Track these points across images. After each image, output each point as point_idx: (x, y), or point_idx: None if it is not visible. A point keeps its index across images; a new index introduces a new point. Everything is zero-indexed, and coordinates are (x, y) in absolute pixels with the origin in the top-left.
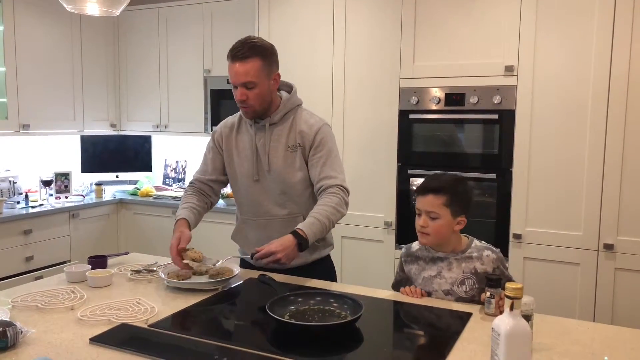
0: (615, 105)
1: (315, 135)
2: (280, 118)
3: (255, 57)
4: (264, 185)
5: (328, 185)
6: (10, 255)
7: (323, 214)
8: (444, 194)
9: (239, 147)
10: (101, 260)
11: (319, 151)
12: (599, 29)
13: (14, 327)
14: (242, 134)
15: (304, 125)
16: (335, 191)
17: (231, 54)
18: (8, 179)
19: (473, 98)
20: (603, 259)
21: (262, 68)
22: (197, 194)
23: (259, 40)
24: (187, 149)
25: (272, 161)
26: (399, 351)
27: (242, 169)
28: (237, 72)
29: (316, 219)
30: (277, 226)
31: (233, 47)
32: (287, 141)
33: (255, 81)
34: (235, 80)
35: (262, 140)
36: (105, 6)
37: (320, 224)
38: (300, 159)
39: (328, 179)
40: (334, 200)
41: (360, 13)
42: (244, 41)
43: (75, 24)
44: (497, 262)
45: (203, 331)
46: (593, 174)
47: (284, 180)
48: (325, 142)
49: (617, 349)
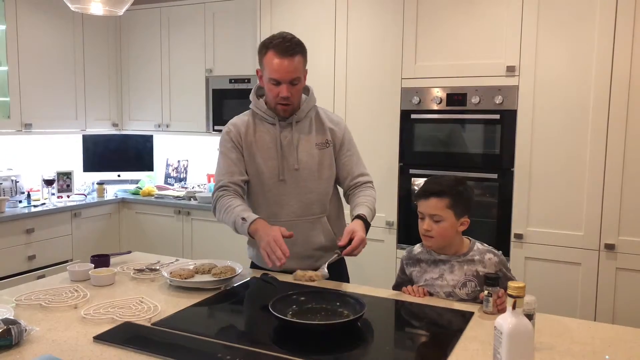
0: (616, 106)
1: (344, 133)
2: (305, 115)
3: (299, 53)
4: (288, 185)
5: (365, 181)
6: (12, 254)
7: (372, 205)
8: (446, 196)
9: (260, 146)
10: (104, 259)
11: (349, 149)
12: (601, 29)
13: (18, 325)
14: (260, 132)
15: (330, 122)
16: (372, 186)
17: (278, 50)
18: (10, 178)
19: (475, 98)
20: (604, 259)
21: (304, 64)
22: (237, 195)
23: (294, 36)
24: (188, 148)
25: (302, 158)
26: (401, 350)
27: (265, 168)
28: (287, 69)
29: (367, 206)
30: (303, 227)
31: (275, 42)
32: (316, 138)
33: (301, 77)
34: (283, 76)
35: (288, 138)
36: (109, 6)
37: (372, 213)
38: (330, 156)
39: (362, 175)
40: (373, 194)
41: (362, 13)
42: (287, 37)
43: (77, 24)
44: (499, 265)
45: (206, 330)
46: (594, 174)
47: (313, 178)
48: (353, 140)
49: (618, 348)
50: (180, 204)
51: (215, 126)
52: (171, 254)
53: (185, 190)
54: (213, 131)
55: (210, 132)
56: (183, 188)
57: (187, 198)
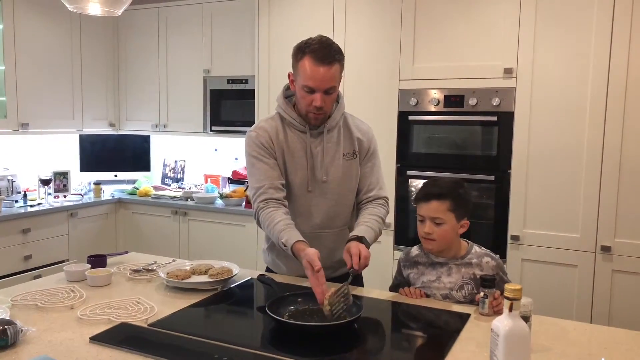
0: (613, 108)
1: (370, 142)
2: (335, 124)
3: (338, 61)
4: (314, 196)
5: (378, 196)
6: (8, 254)
7: (376, 224)
8: (448, 199)
9: (291, 153)
10: (100, 259)
11: (372, 159)
12: (598, 32)
13: (14, 326)
14: (291, 140)
15: (358, 131)
16: (383, 204)
17: (315, 56)
18: (7, 178)
19: (472, 100)
20: (600, 261)
21: (341, 72)
22: (281, 205)
23: (333, 41)
24: (186, 149)
25: (331, 170)
26: (398, 352)
27: (295, 178)
28: (324, 78)
29: (371, 227)
30: (327, 240)
31: (313, 48)
32: (344, 148)
33: (336, 85)
34: (318, 85)
35: (318, 148)
36: (107, 6)
37: (374, 233)
38: (357, 167)
39: (378, 189)
40: (382, 212)
41: (360, 15)
42: (326, 43)
43: (75, 23)
44: (497, 268)
45: (202, 331)
46: (591, 176)
47: (341, 190)
48: (376, 151)
49: (614, 350)
50: (177, 205)
51: (212, 127)
52: (168, 255)
53: (182, 190)
54: (210, 132)
55: (208, 132)
56: (180, 188)
57: (184, 198)
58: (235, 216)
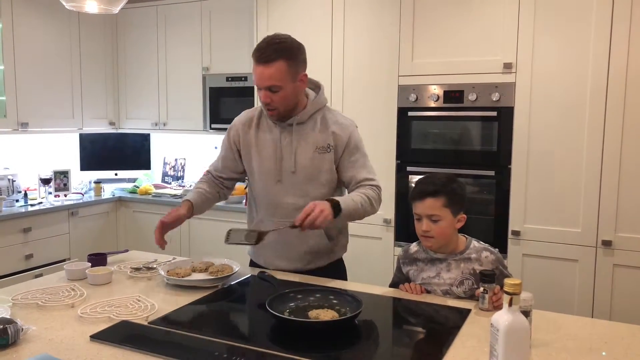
0: (613, 102)
1: (349, 137)
2: (308, 118)
3: (280, 59)
4: (285, 187)
5: (368, 183)
6: (9, 253)
7: (359, 200)
8: (442, 195)
9: (259, 145)
10: (101, 257)
11: (354, 154)
12: (597, 26)
13: (15, 325)
14: (263, 131)
15: (336, 126)
16: (373, 187)
17: (256, 55)
18: (7, 177)
19: (472, 95)
20: (601, 256)
21: (288, 71)
22: (210, 182)
23: (285, 39)
24: (186, 147)
25: (299, 162)
26: (398, 347)
27: (262, 168)
28: (262, 76)
29: (352, 199)
30: (296, 232)
31: (258, 46)
32: (317, 142)
33: (280, 84)
34: (259, 83)
35: (287, 140)
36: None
37: (355, 205)
38: (330, 161)
39: (367, 180)
40: (370, 194)
41: (359, 10)
42: (269, 41)
43: (73, 22)
44: (496, 262)
45: (203, 328)
46: (591, 170)
47: (310, 182)
48: (359, 145)
49: (614, 345)
50: (177, 203)
51: (212, 124)
52: (168, 253)
53: (183, 188)
54: (210, 129)
55: (207, 130)
56: (180, 186)
57: (184, 196)
58: (236, 213)
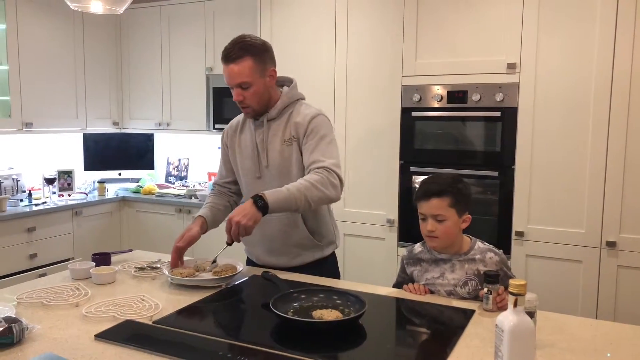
0: (617, 102)
1: (309, 124)
2: (279, 113)
3: (246, 56)
4: (265, 182)
5: (317, 167)
6: (14, 252)
7: (295, 186)
8: (447, 195)
9: (242, 145)
10: (105, 257)
11: (310, 139)
12: (602, 25)
13: (20, 324)
14: (244, 132)
15: (299, 116)
16: (319, 171)
17: (223, 56)
18: (11, 177)
19: (475, 95)
20: (605, 257)
21: (255, 67)
22: (218, 194)
23: (250, 38)
24: (189, 147)
25: (270, 156)
26: (403, 347)
27: (244, 166)
28: (231, 74)
29: (285, 187)
30: (276, 224)
31: (225, 48)
32: (284, 135)
33: (249, 81)
34: (229, 81)
35: (260, 137)
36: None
37: (288, 193)
38: (296, 151)
39: (315, 162)
40: (313, 177)
41: (362, 10)
42: (235, 41)
43: (77, 22)
44: (500, 264)
45: (207, 328)
46: (595, 171)
47: (282, 176)
48: (318, 129)
49: (619, 346)
50: (181, 203)
51: (215, 124)
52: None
53: (186, 188)
54: (214, 129)
55: (211, 130)
56: (184, 186)
57: (187, 196)
58: None
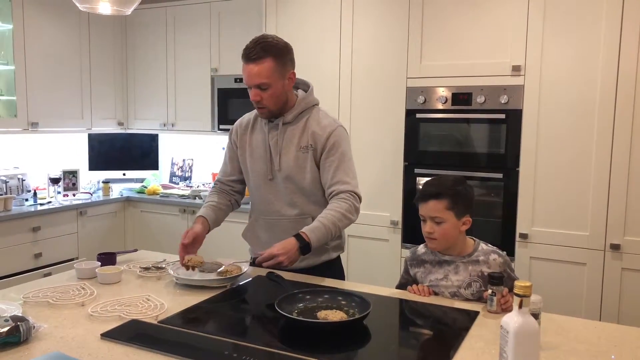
0: (622, 105)
1: (328, 137)
2: (295, 117)
3: (268, 57)
4: (276, 185)
5: (340, 191)
6: (19, 252)
7: (329, 219)
8: (444, 197)
9: (252, 145)
10: (110, 257)
11: (332, 155)
12: (607, 28)
13: (27, 322)
14: (256, 132)
15: (317, 126)
16: (346, 197)
17: (244, 55)
18: (17, 177)
19: (480, 98)
20: (609, 259)
21: (276, 68)
22: (219, 192)
23: (272, 39)
24: (194, 147)
25: (283, 161)
26: (407, 349)
27: (255, 167)
28: (250, 74)
29: (322, 223)
30: (287, 226)
31: (246, 47)
32: (300, 142)
33: (269, 82)
34: (248, 81)
35: (274, 139)
36: (117, 5)
37: (325, 229)
38: (311, 160)
39: (340, 184)
40: (343, 206)
41: (367, 12)
42: (257, 41)
43: (83, 23)
44: (504, 265)
45: (212, 328)
46: (600, 173)
47: (294, 181)
48: (339, 145)
49: (623, 348)
50: (185, 203)
51: (220, 125)
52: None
53: (190, 189)
54: (218, 130)
55: (216, 131)
56: (188, 187)
57: (192, 197)
58: (243, 214)
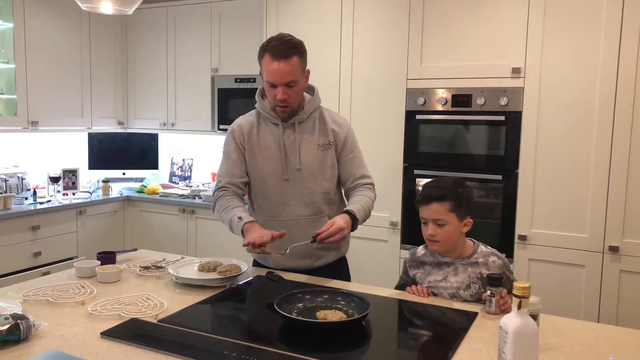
0: (622, 108)
1: (347, 135)
2: (307, 117)
3: (295, 55)
4: (293, 184)
5: (366, 182)
6: (18, 250)
7: (367, 203)
8: (448, 199)
9: (262, 146)
10: (110, 256)
11: (351, 151)
12: (607, 31)
13: (27, 321)
14: (263, 132)
15: (334, 124)
16: (371, 188)
17: (271, 53)
18: (17, 175)
19: (480, 99)
20: (608, 261)
21: (300, 66)
22: (235, 195)
23: (292, 37)
24: (193, 147)
25: (304, 159)
26: (405, 349)
27: (267, 168)
28: (282, 72)
29: (362, 206)
30: (303, 227)
31: (271, 46)
32: (319, 139)
33: (296, 79)
34: (278, 79)
35: (291, 138)
36: (119, 5)
37: (365, 212)
38: (332, 157)
39: (363, 177)
40: (372, 196)
41: (368, 13)
42: (281, 39)
43: (84, 22)
44: (503, 267)
45: (212, 327)
46: (599, 176)
47: (315, 179)
48: (355, 141)
49: (622, 350)
50: (184, 203)
51: (220, 125)
52: (176, 252)
53: (190, 188)
54: (218, 130)
55: (216, 131)
56: (188, 187)
57: (191, 197)
58: None
